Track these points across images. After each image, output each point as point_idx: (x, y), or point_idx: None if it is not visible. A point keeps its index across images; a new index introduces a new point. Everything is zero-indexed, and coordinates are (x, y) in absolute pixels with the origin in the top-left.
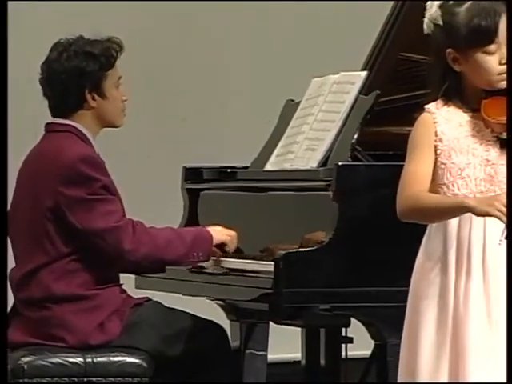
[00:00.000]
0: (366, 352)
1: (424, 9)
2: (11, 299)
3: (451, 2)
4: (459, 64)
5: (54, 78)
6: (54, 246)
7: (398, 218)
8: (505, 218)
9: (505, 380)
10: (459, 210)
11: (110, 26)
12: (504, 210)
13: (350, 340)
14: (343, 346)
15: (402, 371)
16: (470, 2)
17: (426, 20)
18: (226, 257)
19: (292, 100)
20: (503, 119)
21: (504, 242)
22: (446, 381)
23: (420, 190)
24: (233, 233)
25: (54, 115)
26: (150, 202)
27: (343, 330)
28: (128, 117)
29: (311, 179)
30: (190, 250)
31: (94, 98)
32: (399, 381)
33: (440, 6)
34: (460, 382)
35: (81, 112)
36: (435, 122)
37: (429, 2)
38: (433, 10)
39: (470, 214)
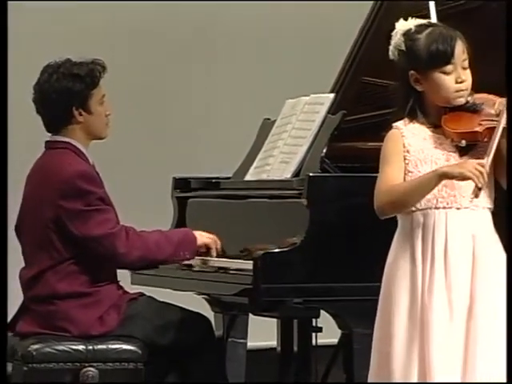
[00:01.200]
0: (334, 340)
1: (385, 37)
2: (19, 297)
3: (413, 30)
4: (420, 84)
5: (45, 98)
6: (57, 251)
7: (378, 215)
8: (476, 178)
9: (461, 361)
10: (435, 178)
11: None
12: (475, 171)
13: (319, 329)
14: (313, 334)
15: (375, 356)
16: (429, 29)
17: (391, 47)
18: (211, 257)
19: (268, 119)
20: (461, 129)
21: (475, 198)
22: (417, 363)
23: (393, 188)
24: (214, 237)
25: (48, 130)
26: (143, 209)
27: (313, 320)
28: (124, 133)
29: (285, 188)
30: (176, 250)
31: (80, 114)
32: (372, 364)
33: (403, 34)
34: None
35: (70, 127)
36: (403, 136)
37: (394, 31)
38: (397, 37)
39: (433, 210)
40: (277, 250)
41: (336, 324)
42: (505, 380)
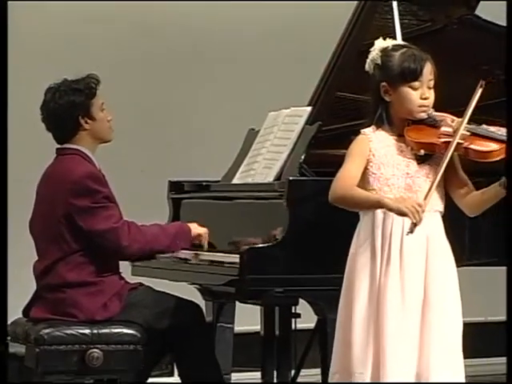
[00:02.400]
0: (311, 325)
1: (356, 57)
2: (33, 287)
3: (389, 48)
4: (390, 95)
5: (53, 114)
6: (67, 244)
7: (330, 202)
8: (412, 215)
9: (415, 348)
10: (378, 205)
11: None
12: (412, 208)
13: (298, 315)
14: (293, 320)
15: (338, 340)
16: (403, 49)
17: (368, 60)
18: (203, 251)
19: (253, 129)
20: (421, 140)
21: (410, 235)
22: (372, 346)
23: (352, 184)
24: (205, 229)
25: (59, 143)
26: (143, 209)
27: (293, 307)
28: (129, 143)
29: (268, 190)
30: (173, 241)
31: (86, 122)
32: (335, 347)
33: (381, 50)
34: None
35: (79, 135)
36: (370, 141)
37: (373, 47)
38: (375, 52)
39: None
40: (260, 245)
41: (313, 311)
42: (459, 365)
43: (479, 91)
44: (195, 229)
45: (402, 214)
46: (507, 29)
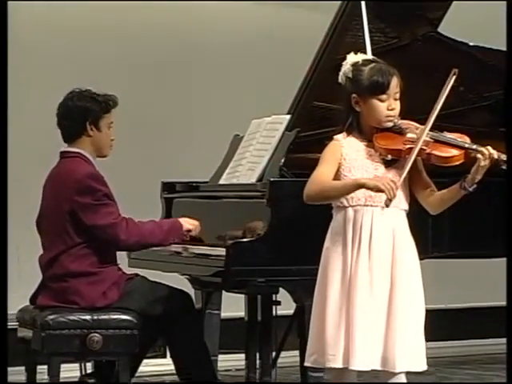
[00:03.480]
0: (290, 311)
1: (330, 71)
2: (39, 277)
3: (360, 63)
4: (359, 106)
5: (67, 111)
6: (70, 237)
7: (305, 200)
8: (387, 191)
9: (383, 330)
10: (356, 186)
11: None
12: (387, 185)
13: (278, 303)
14: (274, 307)
15: (314, 325)
16: (372, 64)
17: (340, 73)
18: (193, 244)
19: (238, 135)
20: (388, 146)
21: (385, 208)
22: (344, 331)
23: (327, 180)
24: (196, 222)
25: (65, 140)
26: (139, 207)
27: (273, 295)
28: (125, 146)
29: (251, 190)
30: (166, 236)
31: (92, 129)
32: (311, 331)
33: (352, 65)
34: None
35: (82, 139)
36: (341, 147)
37: (345, 61)
38: (347, 66)
39: (362, 207)
40: (244, 240)
41: (292, 298)
42: (422, 348)
43: (450, 83)
44: (186, 224)
45: (379, 190)
46: (507, 29)
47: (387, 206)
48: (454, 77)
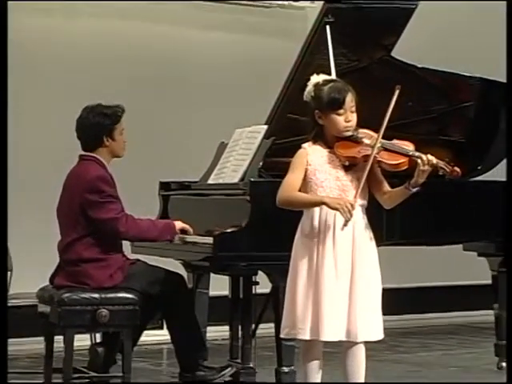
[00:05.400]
0: (267, 290)
1: (301, 89)
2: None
3: (320, 83)
4: (322, 120)
5: (84, 129)
6: (82, 228)
7: (277, 205)
8: (345, 214)
9: (346, 308)
10: (318, 203)
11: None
12: (345, 208)
13: (257, 283)
14: (253, 287)
15: (287, 302)
16: (331, 83)
17: (305, 92)
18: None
19: (223, 142)
20: (346, 153)
21: (345, 228)
22: (311, 308)
23: (293, 190)
24: (187, 226)
25: (84, 149)
26: (139, 203)
27: (253, 277)
28: (130, 153)
29: (235, 189)
30: (160, 234)
31: (108, 141)
32: (285, 307)
33: (314, 85)
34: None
35: (100, 148)
36: (308, 154)
37: (309, 82)
38: (310, 86)
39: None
40: (229, 231)
41: (268, 280)
42: (379, 321)
43: (394, 98)
44: (179, 225)
45: (337, 210)
46: (507, 29)
47: (345, 225)
48: (398, 91)
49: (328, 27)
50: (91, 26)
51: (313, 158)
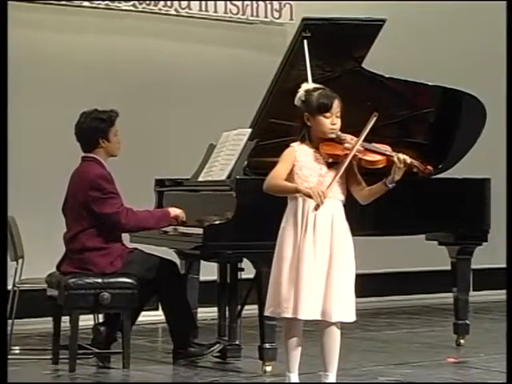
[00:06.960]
0: (251, 275)
1: (284, 94)
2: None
3: (311, 89)
4: (310, 122)
5: (82, 133)
6: (86, 221)
7: (264, 190)
8: (315, 197)
9: (323, 289)
10: (293, 190)
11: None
12: (317, 194)
13: (242, 269)
14: (239, 272)
15: (271, 284)
16: (320, 90)
17: (296, 97)
18: (179, 225)
19: (212, 144)
20: (330, 152)
21: (315, 211)
22: (293, 289)
23: (279, 178)
24: (180, 210)
25: (84, 151)
26: (137, 198)
27: (239, 264)
28: (127, 153)
29: (222, 185)
30: (157, 222)
31: (104, 142)
32: (269, 289)
33: (305, 91)
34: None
35: (97, 149)
36: (295, 152)
37: (300, 88)
38: (301, 92)
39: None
40: (217, 222)
41: (252, 266)
42: (352, 303)
43: (373, 120)
44: (173, 211)
45: (309, 196)
46: (507, 29)
47: (316, 209)
48: (375, 118)
49: (305, 41)
50: (90, 40)
51: (300, 155)
